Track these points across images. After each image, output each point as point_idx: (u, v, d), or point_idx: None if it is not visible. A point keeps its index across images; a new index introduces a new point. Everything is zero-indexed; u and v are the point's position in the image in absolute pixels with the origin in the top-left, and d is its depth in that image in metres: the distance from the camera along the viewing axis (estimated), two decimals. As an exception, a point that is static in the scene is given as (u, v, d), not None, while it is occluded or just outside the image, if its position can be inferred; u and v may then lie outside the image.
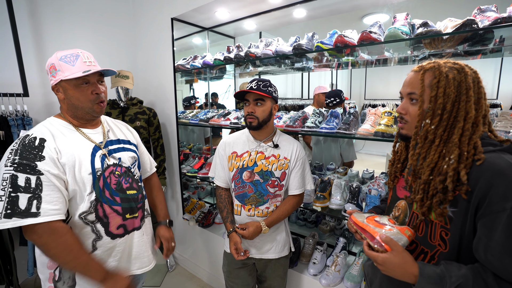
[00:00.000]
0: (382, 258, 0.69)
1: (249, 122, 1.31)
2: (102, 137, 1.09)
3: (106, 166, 1.03)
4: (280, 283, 1.47)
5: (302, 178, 1.37)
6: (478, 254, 0.64)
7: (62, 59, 0.96)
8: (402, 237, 0.70)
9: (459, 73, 0.70)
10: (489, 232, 0.61)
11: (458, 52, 1.37)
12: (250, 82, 1.30)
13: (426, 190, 0.72)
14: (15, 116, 1.85)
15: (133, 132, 1.30)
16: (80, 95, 0.98)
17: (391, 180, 0.92)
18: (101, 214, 1.00)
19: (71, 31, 2.21)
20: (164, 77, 2.38)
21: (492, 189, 0.61)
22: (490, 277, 0.61)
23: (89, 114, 1.03)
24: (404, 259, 0.68)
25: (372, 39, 1.29)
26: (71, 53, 0.97)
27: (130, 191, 1.10)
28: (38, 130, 0.95)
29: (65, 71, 0.94)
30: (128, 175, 1.11)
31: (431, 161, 0.71)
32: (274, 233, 1.39)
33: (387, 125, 1.32)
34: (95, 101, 1.01)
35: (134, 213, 1.10)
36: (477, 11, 1.15)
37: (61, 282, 0.98)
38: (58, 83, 0.97)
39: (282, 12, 1.89)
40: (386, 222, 0.74)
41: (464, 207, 0.65)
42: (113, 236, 1.03)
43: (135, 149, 1.21)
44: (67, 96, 0.98)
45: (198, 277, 2.41)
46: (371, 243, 0.72)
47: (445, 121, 0.70)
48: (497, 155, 0.64)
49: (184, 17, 2.18)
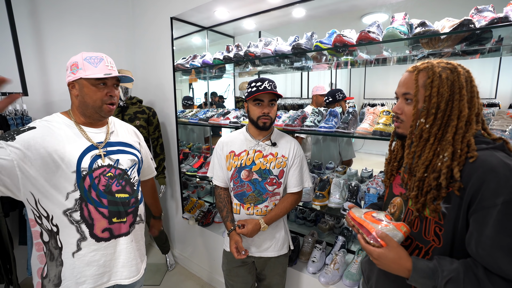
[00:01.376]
0: (378, 253, 0.71)
1: (263, 123, 1.30)
2: (104, 137, 1.10)
3: (96, 166, 1.02)
4: (279, 281, 1.48)
5: (300, 176, 1.38)
6: (470, 248, 0.66)
7: (87, 60, 1.02)
8: (397, 233, 0.72)
9: (452, 72, 0.71)
10: (480, 227, 0.63)
11: (456, 51, 1.38)
12: (258, 81, 1.27)
13: (420, 187, 0.73)
14: (14, 115, 1.85)
15: (140, 137, 1.31)
16: (94, 94, 1.02)
17: (387, 178, 0.93)
18: (86, 214, 0.99)
19: (70, 30, 2.22)
20: (163, 76, 2.39)
21: (484, 185, 0.62)
22: (481, 271, 0.63)
23: (97, 113, 1.06)
24: (398, 254, 0.69)
25: (370, 39, 1.30)
26: (96, 56, 1.04)
27: (120, 194, 1.07)
28: (37, 122, 0.99)
29: (87, 70, 1.00)
30: (122, 177, 1.10)
31: (425, 159, 0.72)
32: (273, 230, 1.40)
33: (386, 124, 1.33)
34: (107, 101, 1.05)
35: (122, 217, 1.07)
36: (474, 11, 1.16)
37: (47, 280, 0.99)
38: (75, 80, 1.02)
39: (281, 12, 1.90)
40: (383, 218, 0.76)
41: (457, 203, 0.67)
42: (98, 239, 1.02)
43: (137, 153, 1.20)
44: (81, 93, 1.03)
45: (197, 276, 2.42)
46: (367, 238, 0.74)
47: (439, 120, 0.72)
48: (489, 153, 0.65)
49: (184, 17, 2.18)
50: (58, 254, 0.98)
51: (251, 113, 1.33)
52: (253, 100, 1.29)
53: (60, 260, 0.99)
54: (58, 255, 0.98)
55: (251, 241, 1.38)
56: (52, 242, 0.98)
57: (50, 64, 2.12)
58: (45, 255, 0.99)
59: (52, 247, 0.98)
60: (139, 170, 1.22)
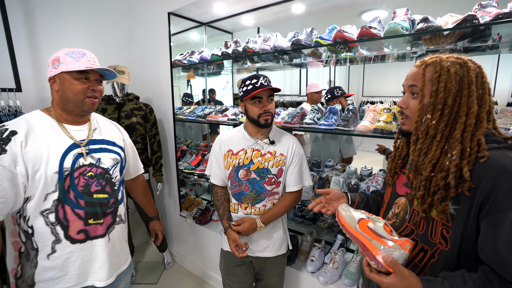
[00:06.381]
0: (387, 285, 0.65)
1: (265, 120, 1.27)
2: (86, 135, 1.07)
3: (78, 166, 1.00)
4: (278, 281, 1.46)
5: (299, 174, 1.35)
6: (483, 254, 0.62)
7: (69, 54, 1.00)
8: (403, 252, 0.67)
9: (461, 67, 0.68)
10: (495, 231, 0.59)
11: (458, 48, 1.36)
12: (253, 79, 1.24)
13: (427, 187, 0.70)
14: (7, 111, 1.81)
15: (124, 134, 1.28)
16: (75, 87, 1.00)
17: (390, 176, 0.90)
18: (61, 216, 0.97)
19: (65, 25, 2.17)
20: (161, 72, 2.35)
21: (497, 186, 0.59)
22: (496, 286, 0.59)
23: (79, 108, 1.03)
24: (409, 283, 0.63)
25: (372, 35, 1.28)
26: (78, 51, 1.02)
27: (99, 195, 1.05)
28: (15, 122, 0.95)
29: (68, 64, 0.98)
30: (103, 177, 1.07)
31: (432, 157, 0.70)
32: (271, 230, 1.38)
33: (386, 122, 1.31)
34: (88, 94, 1.02)
35: (99, 219, 1.05)
36: (478, 6, 1.14)
37: (21, 280, 0.98)
38: (56, 75, 0.99)
39: (280, 7, 1.87)
40: (384, 234, 0.70)
41: (467, 204, 0.64)
42: (73, 241, 1.00)
43: (120, 151, 1.17)
44: (62, 87, 1.00)
45: (195, 274, 2.40)
46: (371, 263, 0.68)
47: (446, 116, 0.69)
48: (501, 153, 0.63)
49: (181, 12, 2.14)
50: (34, 255, 0.97)
51: (250, 112, 1.29)
52: (251, 98, 1.26)
53: (35, 261, 0.97)
54: (34, 256, 0.97)
55: (247, 240, 1.36)
56: (28, 243, 0.97)
57: (44, 60, 2.07)
58: (21, 255, 0.98)
59: (29, 247, 0.97)
60: (122, 169, 1.18)
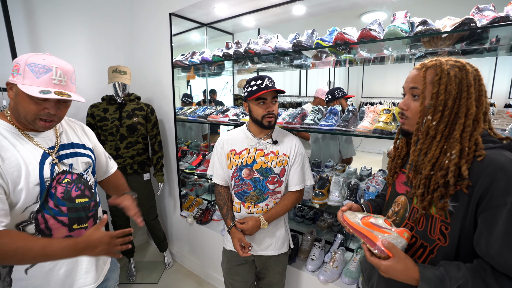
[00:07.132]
0: (385, 267, 0.69)
1: (269, 121, 1.29)
2: (54, 141, 0.99)
3: (55, 174, 0.93)
4: (279, 279, 1.48)
5: (301, 174, 1.37)
6: (479, 248, 0.65)
7: (30, 66, 0.85)
8: (401, 240, 0.71)
9: (461, 70, 0.71)
10: (490, 226, 0.63)
11: (456, 50, 1.39)
12: (257, 80, 1.25)
13: (427, 185, 0.73)
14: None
15: (89, 133, 1.19)
16: (28, 106, 0.86)
17: (390, 175, 0.93)
18: (42, 226, 0.91)
19: (67, 25, 2.18)
20: (162, 73, 2.36)
21: (493, 184, 0.62)
22: (489, 275, 0.62)
23: (31, 125, 0.91)
24: (406, 265, 0.68)
25: (372, 37, 1.30)
26: (44, 65, 0.86)
27: (80, 199, 1.00)
28: None
29: (25, 79, 0.84)
30: (80, 181, 1.02)
31: (432, 156, 0.72)
32: (273, 228, 1.39)
33: (386, 123, 1.33)
34: (41, 116, 0.88)
35: (83, 223, 1.00)
36: (475, 10, 1.17)
37: None
38: (13, 83, 0.87)
39: (281, 9, 1.89)
40: (383, 225, 0.75)
41: (465, 201, 0.67)
42: None
43: (90, 154, 1.11)
44: (15, 100, 0.88)
45: (195, 274, 2.41)
46: (371, 249, 0.73)
47: (447, 117, 0.71)
48: (497, 152, 0.66)
49: (183, 13, 2.16)
50: (6, 274, 0.89)
51: (254, 112, 1.30)
52: (255, 99, 1.27)
53: (8, 280, 0.89)
54: (7, 275, 0.89)
55: (251, 239, 1.37)
56: None
57: (46, 60, 2.08)
58: None
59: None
60: (94, 172, 1.12)
